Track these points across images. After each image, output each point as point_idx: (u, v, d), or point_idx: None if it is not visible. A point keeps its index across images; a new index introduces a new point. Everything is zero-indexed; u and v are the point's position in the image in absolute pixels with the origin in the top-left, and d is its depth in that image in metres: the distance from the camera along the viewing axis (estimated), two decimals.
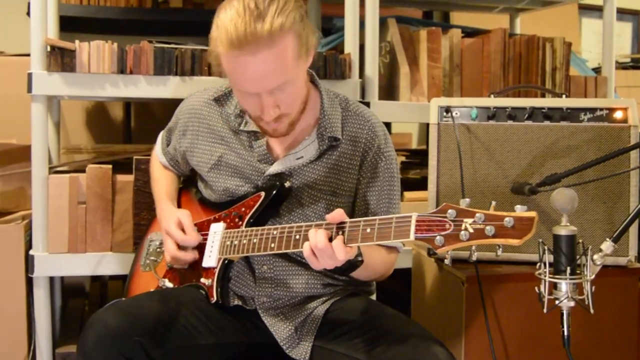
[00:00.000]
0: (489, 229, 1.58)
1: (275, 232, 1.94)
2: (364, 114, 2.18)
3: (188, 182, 2.45)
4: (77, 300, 3.49)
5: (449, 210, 1.64)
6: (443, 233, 1.63)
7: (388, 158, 2.17)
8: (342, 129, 2.13)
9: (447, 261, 1.68)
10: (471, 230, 1.60)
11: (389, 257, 2.16)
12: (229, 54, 1.85)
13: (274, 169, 2.11)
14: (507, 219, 1.57)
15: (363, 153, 2.13)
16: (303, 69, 1.98)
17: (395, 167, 2.19)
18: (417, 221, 1.68)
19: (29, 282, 2.74)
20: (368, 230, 1.76)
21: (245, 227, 2.06)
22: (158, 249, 2.33)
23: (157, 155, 2.45)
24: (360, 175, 2.14)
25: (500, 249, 1.62)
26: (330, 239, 1.78)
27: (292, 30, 1.85)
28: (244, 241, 2.01)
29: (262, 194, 2.08)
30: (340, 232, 1.79)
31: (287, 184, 2.09)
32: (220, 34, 1.86)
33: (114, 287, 3.52)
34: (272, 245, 1.93)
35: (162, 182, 2.39)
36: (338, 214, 1.80)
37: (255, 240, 1.98)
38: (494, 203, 1.63)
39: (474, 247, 1.64)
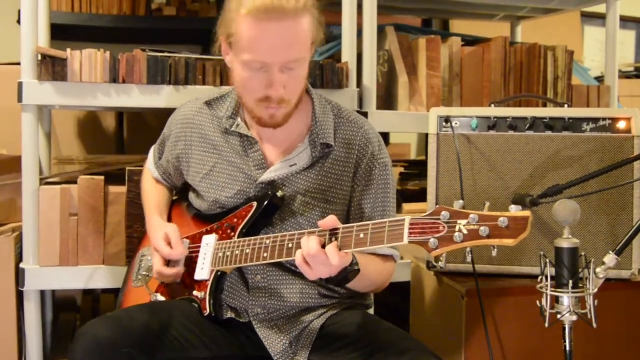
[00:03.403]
0: (483, 230, 1.58)
1: (268, 242, 1.94)
2: (357, 121, 2.19)
3: (180, 196, 2.44)
4: (69, 315, 3.48)
5: (443, 213, 1.64)
6: (437, 235, 1.63)
7: (382, 165, 2.16)
8: (335, 136, 2.13)
9: (441, 264, 1.69)
10: (465, 232, 1.60)
11: (385, 266, 2.14)
12: (254, 19, 1.88)
13: (267, 176, 2.10)
14: (501, 219, 1.58)
15: (357, 160, 2.13)
16: (310, 55, 2.02)
17: (389, 174, 2.19)
18: (410, 224, 1.68)
19: (20, 296, 2.71)
20: (361, 235, 1.76)
21: (238, 237, 2.06)
22: (150, 264, 2.30)
23: (150, 170, 2.45)
24: (354, 182, 2.14)
25: (495, 250, 1.62)
26: (324, 246, 1.77)
27: (311, 13, 1.95)
28: (237, 252, 2.01)
29: (255, 204, 2.08)
30: (334, 239, 1.79)
31: (279, 194, 2.08)
32: (245, 2, 1.90)
33: (107, 300, 3.51)
34: (265, 255, 1.93)
35: (153, 197, 2.38)
36: (331, 220, 1.81)
37: (247, 251, 1.98)
38: (488, 204, 1.64)
39: (468, 249, 1.65)
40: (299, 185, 2.10)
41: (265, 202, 2.06)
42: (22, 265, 2.66)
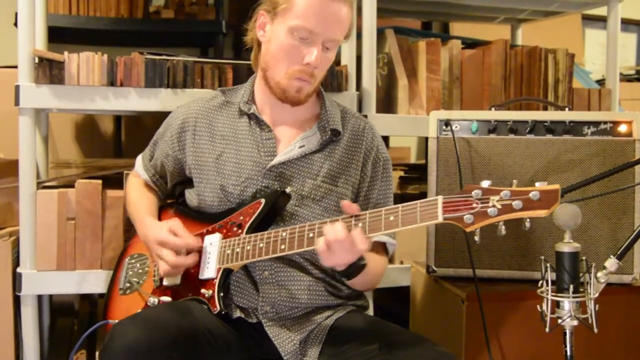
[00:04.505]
0: (517, 204, 1.66)
1: (284, 234, 1.96)
2: (360, 117, 2.32)
3: (167, 203, 2.44)
4: (66, 319, 3.45)
5: (474, 191, 1.72)
6: (472, 211, 1.71)
7: (385, 158, 2.27)
8: (343, 126, 2.22)
9: (477, 238, 1.74)
10: (499, 206, 1.68)
11: (380, 259, 2.20)
12: None
13: (277, 160, 2.13)
14: (533, 192, 1.66)
15: (365, 152, 2.22)
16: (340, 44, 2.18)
17: (391, 170, 2.30)
18: (443, 203, 1.74)
19: (17, 301, 2.69)
20: (391, 218, 1.80)
21: (246, 234, 2.05)
22: (140, 270, 2.29)
23: (139, 173, 2.45)
24: (363, 172, 2.21)
25: (529, 222, 1.69)
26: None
27: (353, 10, 2.15)
28: (248, 247, 2.01)
29: (263, 200, 2.08)
30: (360, 224, 1.83)
31: (287, 190, 2.11)
32: None
33: None
34: (282, 246, 1.95)
35: (143, 202, 2.37)
36: (354, 205, 1.87)
37: (261, 245, 1.99)
38: (515, 181, 1.71)
39: (501, 223, 1.70)
40: (309, 168, 2.14)
41: (274, 199, 2.07)
42: (19, 270, 2.63)
